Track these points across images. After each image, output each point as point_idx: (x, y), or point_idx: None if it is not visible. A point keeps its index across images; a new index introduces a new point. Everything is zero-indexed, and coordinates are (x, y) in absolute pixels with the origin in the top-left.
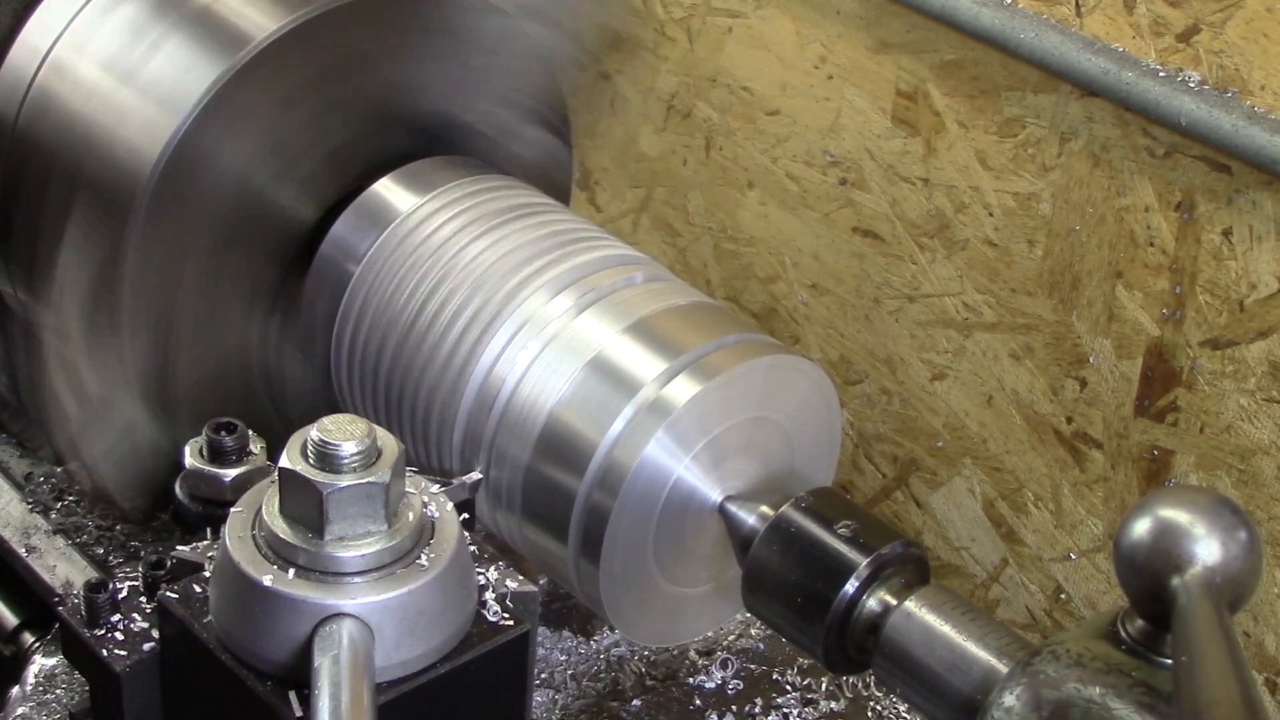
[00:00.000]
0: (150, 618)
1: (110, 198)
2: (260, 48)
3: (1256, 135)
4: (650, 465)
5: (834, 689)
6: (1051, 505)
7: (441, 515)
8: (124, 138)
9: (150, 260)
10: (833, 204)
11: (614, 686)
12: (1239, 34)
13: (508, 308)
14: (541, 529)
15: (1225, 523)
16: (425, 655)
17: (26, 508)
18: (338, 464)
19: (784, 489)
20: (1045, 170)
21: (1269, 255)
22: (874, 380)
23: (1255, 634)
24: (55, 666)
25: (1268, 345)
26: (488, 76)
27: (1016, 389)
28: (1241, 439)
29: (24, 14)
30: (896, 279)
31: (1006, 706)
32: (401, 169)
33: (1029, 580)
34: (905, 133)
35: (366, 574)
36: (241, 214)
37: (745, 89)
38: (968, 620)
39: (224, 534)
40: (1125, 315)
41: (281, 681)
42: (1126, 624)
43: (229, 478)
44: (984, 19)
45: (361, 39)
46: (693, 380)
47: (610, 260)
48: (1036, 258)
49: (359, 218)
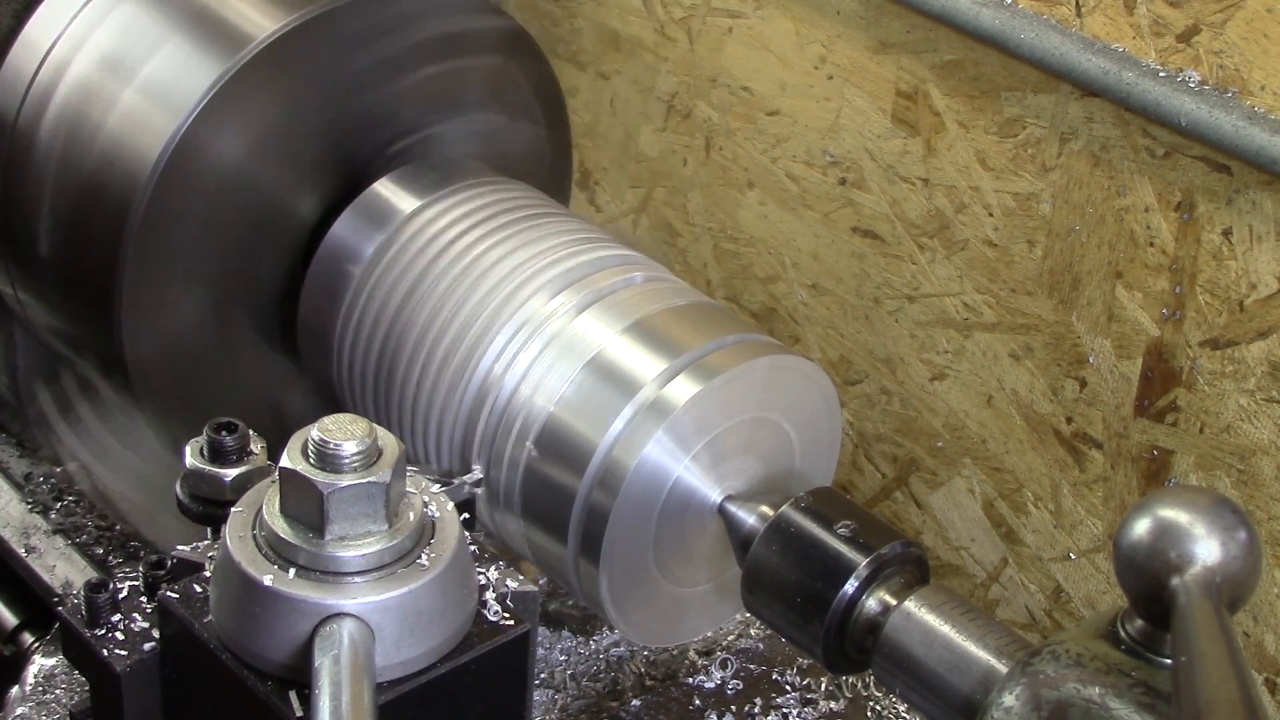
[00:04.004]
0: (150, 617)
1: (110, 197)
2: (260, 48)
3: (1256, 135)
4: (650, 465)
5: (834, 689)
6: (1051, 505)
7: (442, 515)
8: (124, 137)
9: (149, 261)
10: (833, 204)
11: (613, 686)
12: (1239, 34)
13: (508, 308)
14: (541, 529)
15: (1225, 523)
16: (425, 655)
17: (26, 508)
18: (338, 464)
19: (784, 489)
20: (1045, 170)
21: (1269, 255)
22: (874, 380)
23: (1255, 634)
24: (55, 666)
25: (1268, 345)
26: (485, 75)
27: (1016, 389)
28: (1241, 439)
29: (24, 14)
30: (896, 279)
31: (1006, 706)
32: (401, 169)
33: (1029, 580)
34: (905, 133)
35: (367, 574)
36: (241, 214)
37: (745, 89)
38: (967, 620)
39: (224, 534)
40: (1125, 315)
41: (282, 681)
42: (1126, 624)
43: (229, 477)
44: (984, 19)
45: (361, 39)
46: (692, 380)
47: (610, 260)
48: (1036, 258)
49: (359, 218)
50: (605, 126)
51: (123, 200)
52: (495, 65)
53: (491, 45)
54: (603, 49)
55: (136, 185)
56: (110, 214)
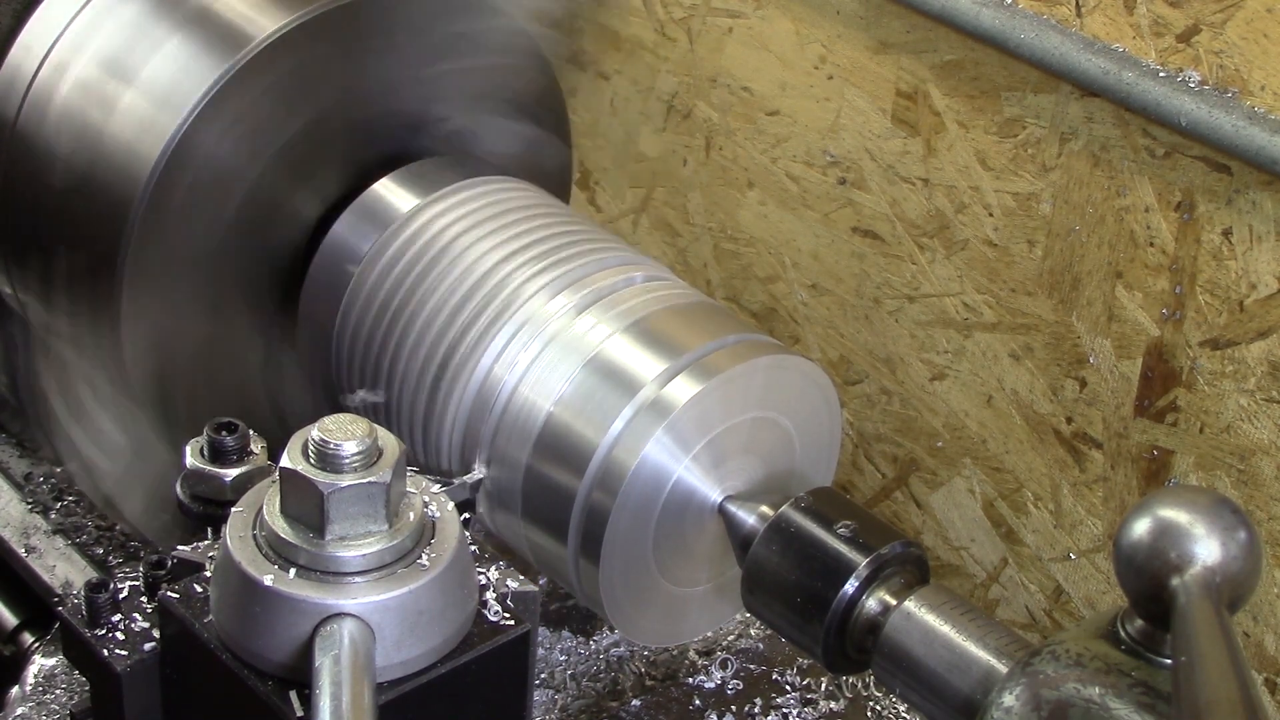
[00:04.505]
0: (151, 617)
1: (110, 198)
2: (260, 48)
3: (1256, 135)
4: (650, 465)
5: (834, 689)
6: (1051, 505)
7: (442, 515)
8: (124, 138)
9: (149, 260)
10: (832, 204)
11: (614, 686)
12: (1239, 34)
13: (508, 308)
14: (541, 529)
15: (1225, 523)
16: (426, 655)
17: (26, 508)
18: (339, 464)
19: (784, 489)
20: (1045, 170)
21: (1269, 255)
22: (874, 380)
23: (1255, 634)
24: (55, 666)
25: (1268, 345)
26: (485, 75)
27: (1016, 389)
28: (1241, 439)
29: (24, 14)
30: (896, 279)
31: (1006, 706)
32: (401, 169)
33: (1029, 580)
34: (905, 133)
35: (367, 574)
36: (241, 214)
37: (745, 89)
38: (967, 620)
39: (225, 534)
40: (1125, 315)
41: (282, 681)
42: (1126, 624)
43: (230, 477)
44: (984, 19)
45: (361, 39)
46: (693, 380)
47: (610, 260)
48: (1036, 258)
49: (359, 218)
50: (605, 126)
51: (123, 200)
52: (496, 66)
53: (494, 46)
54: (603, 49)
55: (136, 185)
56: (110, 214)
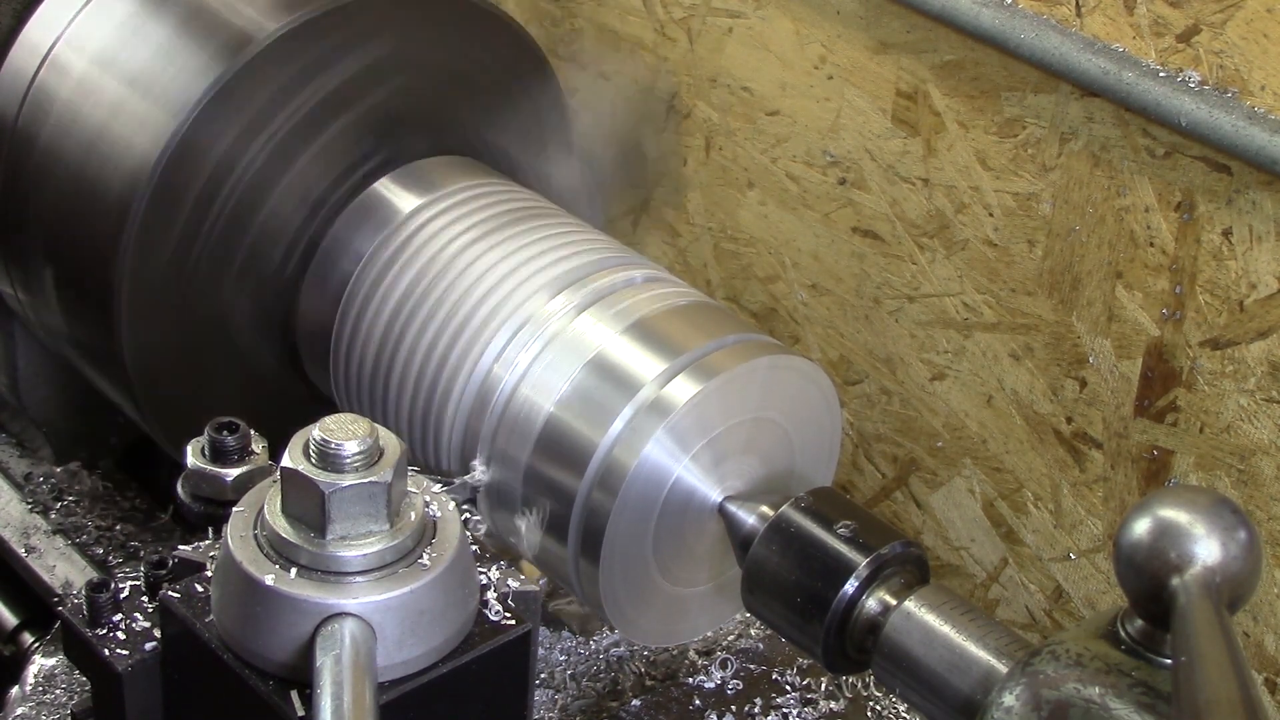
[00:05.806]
0: (152, 617)
1: (110, 198)
2: (260, 48)
3: (1256, 135)
4: (650, 465)
5: (833, 689)
6: (1051, 505)
7: (443, 514)
8: (124, 137)
9: (150, 260)
10: (832, 204)
11: (614, 686)
12: (1239, 34)
13: (508, 308)
14: (541, 529)
15: (1225, 523)
16: (427, 655)
17: (26, 508)
18: (340, 463)
19: (784, 489)
20: (1045, 170)
21: (1269, 255)
22: (874, 380)
23: (1255, 634)
24: (55, 666)
25: (1268, 345)
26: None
27: (1016, 389)
28: (1241, 439)
29: (24, 14)
30: (896, 279)
31: (1006, 706)
32: (401, 169)
33: (1029, 580)
34: (905, 133)
35: (368, 573)
36: (241, 214)
37: (745, 89)
38: (967, 620)
39: (226, 533)
40: (1125, 315)
41: (283, 681)
42: (1126, 624)
43: (231, 477)
44: (984, 19)
45: (360, 39)
46: (692, 380)
47: (610, 260)
48: (1036, 258)
49: (359, 218)
50: (605, 126)
51: (123, 200)
52: (495, 66)
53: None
54: (603, 49)
55: (136, 185)
56: (110, 214)
